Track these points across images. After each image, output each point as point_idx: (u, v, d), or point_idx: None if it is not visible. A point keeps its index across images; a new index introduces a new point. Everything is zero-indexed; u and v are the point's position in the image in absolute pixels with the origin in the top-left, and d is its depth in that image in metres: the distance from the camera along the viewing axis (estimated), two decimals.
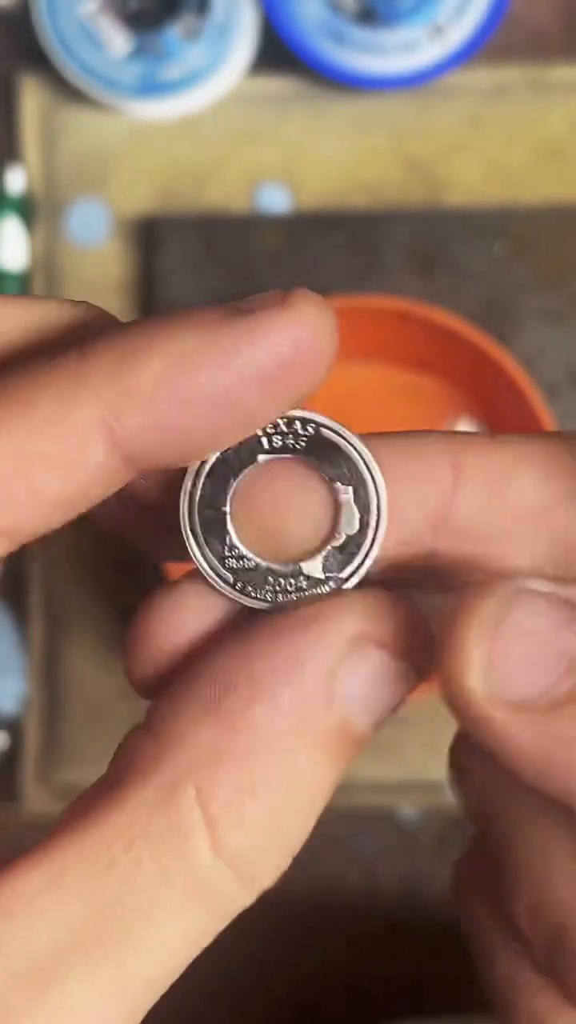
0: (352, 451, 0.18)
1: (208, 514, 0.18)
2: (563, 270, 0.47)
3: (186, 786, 0.16)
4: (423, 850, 0.52)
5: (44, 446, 0.16)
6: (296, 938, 0.52)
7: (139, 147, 0.50)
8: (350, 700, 0.17)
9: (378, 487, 0.18)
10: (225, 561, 0.18)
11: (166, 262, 0.48)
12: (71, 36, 0.49)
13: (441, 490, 0.18)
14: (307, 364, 0.17)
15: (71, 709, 0.50)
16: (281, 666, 0.17)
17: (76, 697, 0.50)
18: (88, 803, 0.17)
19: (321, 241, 0.48)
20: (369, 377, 0.47)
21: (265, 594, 0.18)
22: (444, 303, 0.43)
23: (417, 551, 0.19)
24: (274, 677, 0.17)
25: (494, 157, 0.49)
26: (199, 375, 0.17)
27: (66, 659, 0.50)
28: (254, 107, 0.50)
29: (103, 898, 0.16)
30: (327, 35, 0.48)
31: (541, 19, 0.51)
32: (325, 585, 0.18)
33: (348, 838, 0.52)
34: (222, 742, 0.17)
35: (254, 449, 0.18)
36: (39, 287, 0.51)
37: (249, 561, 0.18)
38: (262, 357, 0.17)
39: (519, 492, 0.18)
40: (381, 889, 0.52)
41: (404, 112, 0.49)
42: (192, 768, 0.17)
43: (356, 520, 0.18)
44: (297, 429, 0.18)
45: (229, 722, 0.17)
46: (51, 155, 0.51)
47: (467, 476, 0.18)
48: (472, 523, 0.18)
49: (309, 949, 0.52)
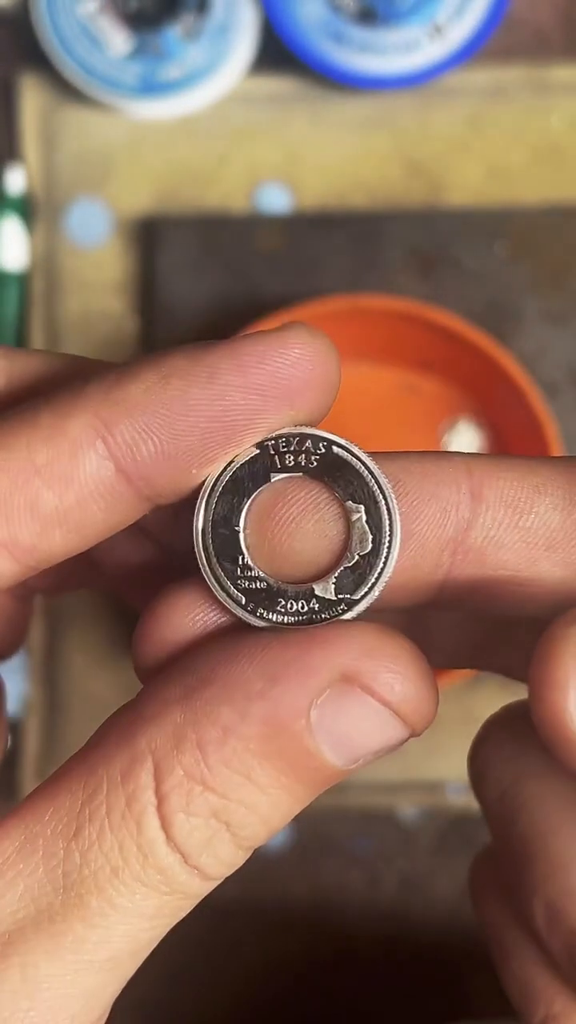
0: (364, 470, 0.18)
1: (221, 533, 0.18)
2: (563, 270, 0.47)
3: (145, 760, 0.17)
4: (423, 850, 0.52)
5: (40, 458, 0.17)
6: (296, 937, 0.52)
7: (139, 147, 0.50)
8: (321, 733, 0.17)
9: (391, 507, 0.18)
10: (237, 581, 0.18)
11: (166, 262, 0.48)
12: (71, 36, 0.49)
13: (458, 513, 0.18)
14: (293, 382, 0.17)
15: (71, 709, 0.50)
16: (259, 679, 0.17)
17: (76, 697, 0.50)
18: (62, 772, 0.18)
19: (321, 241, 0.48)
20: (369, 377, 0.47)
21: (274, 615, 0.18)
22: (444, 303, 0.43)
23: (432, 573, 0.18)
24: (249, 686, 0.17)
25: (494, 157, 0.49)
26: (186, 386, 0.17)
27: (66, 659, 0.50)
28: (254, 107, 0.50)
29: (67, 868, 0.17)
30: (327, 35, 0.48)
31: (541, 19, 0.51)
32: (337, 607, 0.18)
33: (348, 838, 0.52)
34: (187, 729, 0.17)
35: (267, 468, 0.18)
36: (39, 287, 0.51)
37: (261, 581, 0.18)
38: (249, 372, 0.17)
39: (538, 518, 0.18)
40: (381, 889, 0.52)
41: (404, 112, 0.49)
42: (155, 745, 0.17)
43: (369, 540, 0.18)
44: (309, 448, 0.18)
45: (197, 713, 0.17)
46: (51, 155, 0.51)
47: (486, 500, 0.18)
48: (489, 548, 0.18)
49: (309, 949, 0.52)
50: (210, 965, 0.52)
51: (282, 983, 0.50)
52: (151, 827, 0.17)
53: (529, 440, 0.44)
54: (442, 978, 0.51)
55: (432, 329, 0.44)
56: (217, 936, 0.52)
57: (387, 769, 0.50)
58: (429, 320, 0.43)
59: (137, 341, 0.50)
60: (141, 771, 0.17)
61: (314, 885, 0.52)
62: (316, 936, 0.52)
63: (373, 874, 0.52)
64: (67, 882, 0.16)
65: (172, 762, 0.17)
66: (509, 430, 0.47)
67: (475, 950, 0.51)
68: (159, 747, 0.17)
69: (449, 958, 0.51)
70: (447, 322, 0.44)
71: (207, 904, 0.18)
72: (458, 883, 0.51)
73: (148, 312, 0.50)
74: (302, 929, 0.52)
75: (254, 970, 0.52)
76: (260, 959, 0.52)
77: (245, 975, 0.52)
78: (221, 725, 0.17)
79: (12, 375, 0.19)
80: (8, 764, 0.50)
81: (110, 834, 0.17)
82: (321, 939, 0.52)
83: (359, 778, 0.50)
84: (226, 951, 0.52)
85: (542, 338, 0.48)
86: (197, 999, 0.45)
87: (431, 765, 0.50)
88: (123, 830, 0.17)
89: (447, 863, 0.52)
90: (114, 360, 0.20)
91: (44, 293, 0.51)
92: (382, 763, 0.52)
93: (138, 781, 0.17)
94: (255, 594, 0.18)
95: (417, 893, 0.52)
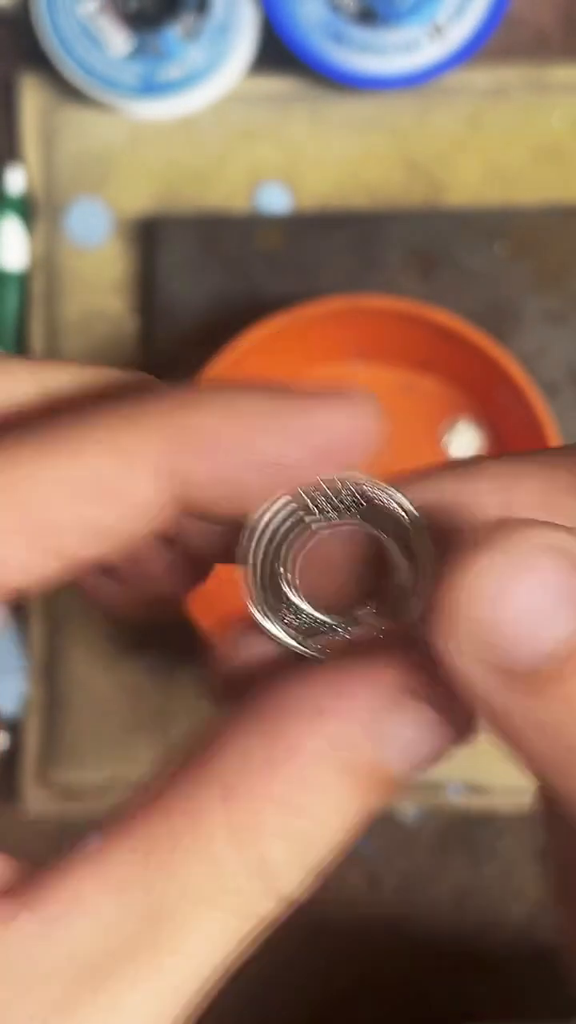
0: (393, 505, 0.19)
1: (265, 570, 0.19)
2: (563, 270, 0.47)
3: (213, 788, 0.17)
4: (423, 850, 0.52)
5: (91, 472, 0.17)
6: (296, 937, 0.52)
7: (139, 147, 0.50)
8: (389, 743, 0.18)
9: (422, 539, 0.19)
10: (284, 616, 0.19)
11: (166, 262, 0.48)
12: (71, 36, 0.49)
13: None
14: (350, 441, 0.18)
15: (71, 709, 0.50)
16: (330, 699, 0.18)
17: (76, 697, 0.50)
18: (142, 798, 0.18)
19: (321, 241, 0.48)
20: (369, 377, 0.47)
21: (320, 643, 0.19)
22: (444, 303, 0.43)
23: None
24: (320, 704, 0.18)
25: (494, 157, 0.49)
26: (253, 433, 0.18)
27: (66, 659, 0.50)
28: (254, 107, 0.50)
29: (149, 898, 0.17)
30: (327, 35, 0.48)
31: (541, 19, 0.51)
32: (379, 635, 0.19)
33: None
34: (257, 752, 0.17)
35: (305, 508, 0.19)
36: (39, 287, 0.51)
37: (305, 615, 0.19)
38: (317, 434, 0.18)
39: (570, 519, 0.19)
40: (381, 889, 0.52)
41: (404, 112, 0.49)
42: (225, 772, 0.17)
43: (405, 570, 0.19)
44: (339, 489, 0.19)
45: (269, 737, 0.17)
46: (51, 155, 0.51)
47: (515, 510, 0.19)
48: None
49: (309, 948, 0.52)
50: None
51: (283, 980, 0.50)
52: (224, 854, 0.17)
53: (529, 440, 0.44)
54: (442, 978, 0.51)
55: (432, 329, 0.44)
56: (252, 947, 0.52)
57: None
58: (429, 320, 0.43)
59: (137, 340, 0.50)
60: (209, 797, 0.17)
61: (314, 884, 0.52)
62: (316, 935, 0.52)
63: (373, 874, 0.52)
64: (150, 912, 0.17)
65: (242, 785, 0.17)
66: (509, 430, 0.47)
67: (475, 950, 0.51)
68: (229, 772, 0.17)
69: (449, 958, 0.51)
70: (447, 322, 0.44)
71: None
72: (458, 883, 0.51)
73: (148, 312, 0.50)
74: (301, 928, 0.52)
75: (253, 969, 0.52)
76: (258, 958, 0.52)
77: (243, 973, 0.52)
78: (293, 745, 0.17)
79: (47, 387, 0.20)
80: (8, 764, 0.50)
81: (192, 861, 0.17)
82: (321, 938, 0.52)
83: None
84: None
85: (542, 338, 0.48)
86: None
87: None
88: (196, 857, 0.17)
89: (447, 863, 0.52)
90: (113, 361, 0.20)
91: (44, 293, 0.51)
92: None
93: (209, 809, 0.17)
94: (300, 626, 0.19)
95: (417, 893, 0.52)
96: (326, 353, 0.46)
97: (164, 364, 0.48)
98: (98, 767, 0.51)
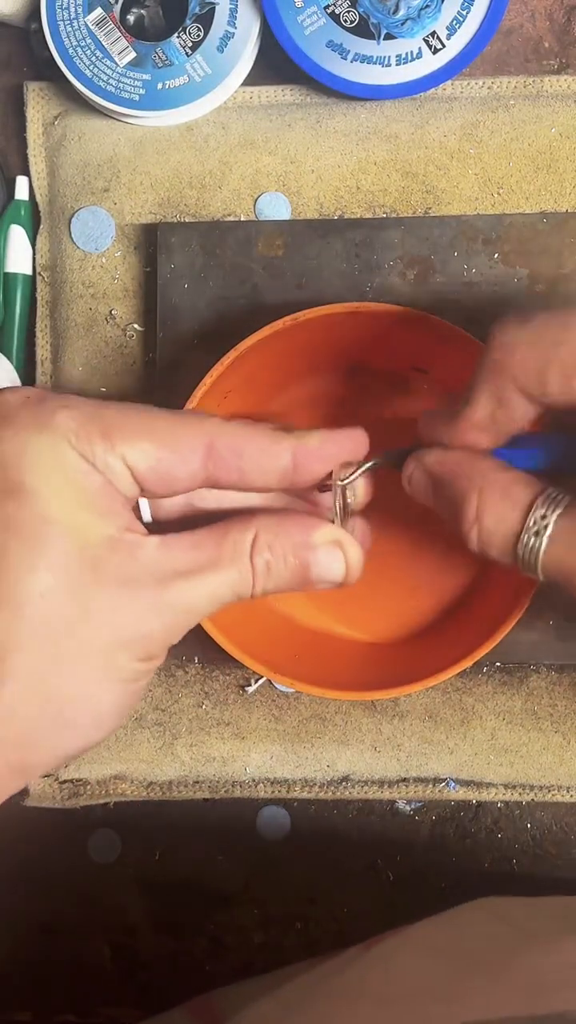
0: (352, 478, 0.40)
1: (337, 491, 0.39)
2: (559, 278, 0.48)
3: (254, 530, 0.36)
4: (422, 844, 0.52)
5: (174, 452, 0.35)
6: (295, 929, 0.53)
7: (142, 156, 0.51)
8: (315, 562, 0.37)
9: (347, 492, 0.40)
10: (344, 503, 0.40)
11: (168, 269, 0.49)
12: (76, 46, 0.49)
13: None
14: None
15: None
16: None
17: None
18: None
19: (320, 248, 0.48)
20: (367, 382, 0.48)
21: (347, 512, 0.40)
22: (441, 311, 0.44)
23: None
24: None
25: (490, 166, 0.50)
26: (247, 447, 0.36)
27: None
28: (255, 117, 0.51)
29: (208, 555, 0.35)
30: (327, 47, 0.49)
31: (536, 30, 0.52)
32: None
33: (348, 832, 0.52)
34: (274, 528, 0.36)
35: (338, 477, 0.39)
36: (44, 293, 0.52)
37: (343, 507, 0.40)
38: (326, 457, 0.38)
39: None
40: (380, 883, 0.52)
41: (402, 122, 0.50)
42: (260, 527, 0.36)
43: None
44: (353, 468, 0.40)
45: (284, 525, 0.37)
46: (56, 163, 0.52)
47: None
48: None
49: (309, 941, 0.52)
50: (212, 955, 0.53)
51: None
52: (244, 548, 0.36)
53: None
54: None
55: (430, 334, 0.44)
56: (218, 926, 0.53)
57: (386, 764, 0.51)
58: (427, 325, 0.44)
59: (140, 345, 0.51)
60: (250, 532, 0.36)
61: (313, 878, 0.53)
62: (315, 928, 0.53)
63: (373, 868, 0.52)
64: (208, 562, 0.35)
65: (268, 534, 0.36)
66: None
67: None
68: (264, 527, 0.36)
69: None
70: (445, 327, 0.44)
71: (207, 896, 0.19)
72: (457, 876, 0.52)
73: (151, 316, 0.51)
74: (301, 921, 0.53)
75: (254, 961, 0.53)
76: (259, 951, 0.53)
77: (245, 966, 0.53)
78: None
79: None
80: None
81: (224, 559, 0.35)
82: (320, 932, 0.53)
83: (358, 773, 0.51)
84: (225, 946, 0.53)
85: None
86: (199, 992, 0.46)
87: (429, 760, 0.51)
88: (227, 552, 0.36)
89: (446, 857, 0.52)
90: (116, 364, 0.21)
91: (49, 299, 0.52)
92: (381, 758, 0.53)
93: (250, 534, 0.36)
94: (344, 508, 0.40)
95: (416, 887, 0.52)
96: (326, 357, 0.47)
97: (166, 367, 0.49)
98: (98, 767, 0.52)
